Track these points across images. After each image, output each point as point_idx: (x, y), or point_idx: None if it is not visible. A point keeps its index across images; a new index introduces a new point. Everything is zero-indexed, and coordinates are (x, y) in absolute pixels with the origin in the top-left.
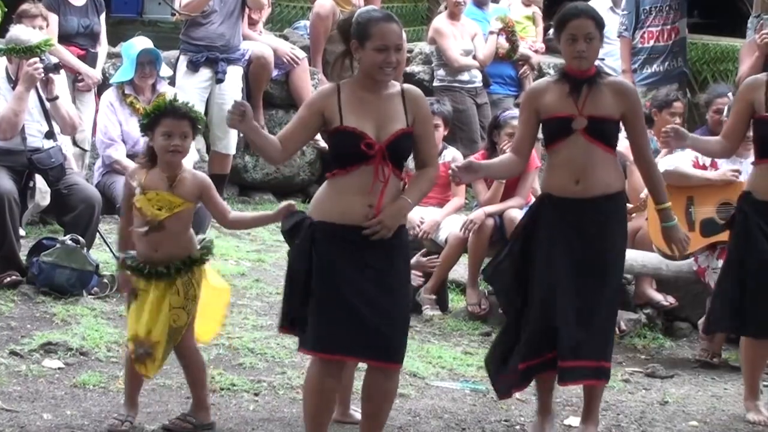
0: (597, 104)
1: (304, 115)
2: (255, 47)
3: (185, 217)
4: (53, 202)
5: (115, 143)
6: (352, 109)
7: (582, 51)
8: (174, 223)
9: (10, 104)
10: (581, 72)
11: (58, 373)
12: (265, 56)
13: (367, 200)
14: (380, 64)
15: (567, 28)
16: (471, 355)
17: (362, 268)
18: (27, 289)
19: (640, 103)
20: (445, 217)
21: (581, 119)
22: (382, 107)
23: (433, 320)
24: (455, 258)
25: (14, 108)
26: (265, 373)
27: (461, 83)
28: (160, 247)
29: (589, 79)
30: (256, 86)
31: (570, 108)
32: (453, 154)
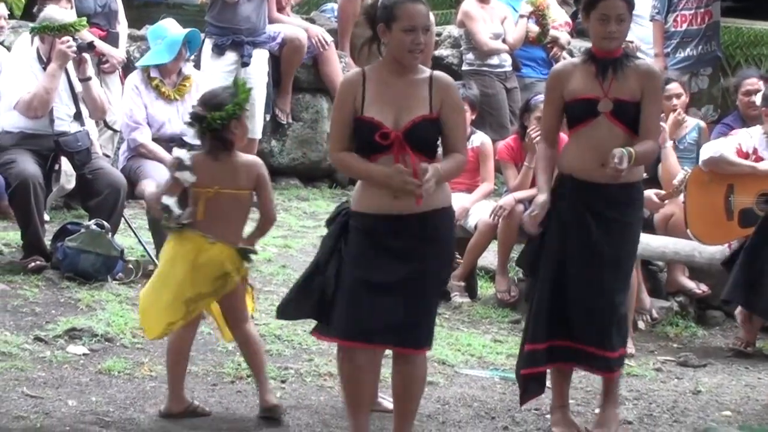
0: (622, 87)
1: (338, 116)
2: (288, 30)
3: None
4: (78, 187)
5: (141, 126)
6: (375, 96)
7: (612, 32)
8: None
9: (42, 82)
10: (608, 53)
11: (82, 359)
12: (300, 38)
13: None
14: (408, 46)
15: (598, 7)
16: (500, 343)
17: (392, 257)
18: (51, 275)
19: (660, 88)
20: (474, 203)
21: (607, 101)
22: (406, 92)
23: (462, 307)
24: (484, 244)
25: (46, 86)
26: (292, 360)
27: (490, 67)
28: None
29: (615, 60)
30: (287, 69)
31: (596, 90)
32: (481, 139)
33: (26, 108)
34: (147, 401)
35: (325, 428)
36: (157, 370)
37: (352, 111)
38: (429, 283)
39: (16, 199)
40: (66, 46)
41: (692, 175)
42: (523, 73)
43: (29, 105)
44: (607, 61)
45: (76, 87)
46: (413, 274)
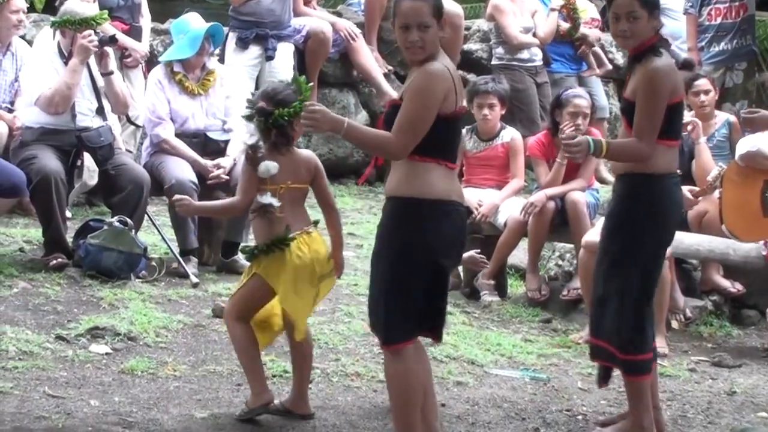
0: (630, 85)
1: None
2: (313, 23)
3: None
4: (101, 183)
5: (164, 122)
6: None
7: (624, 30)
8: None
9: (64, 77)
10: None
11: (105, 358)
12: (324, 32)
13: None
14: (403, 43)
15: (612, 6)
16: (531, 343)
17: None
18: (73, 272)
19: (647, 84)
20: (504, 199)
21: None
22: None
23: (492, 306)
24: (514, 242)
25: (67, 81)
26: (319, 359)
27: (521, 62)
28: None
29: (634, 58)
30: (312, 63)
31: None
32: (512, 134)
33: (47, 104)
34: (170, 401)
35: (352, 429)
36: (181, 370)
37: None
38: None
39: (38, 195)
40: (87, 40)
41: (728, 170)
42: (552, 68)
43: (50, 101)
44: (630, 59)
45: (98, 81)
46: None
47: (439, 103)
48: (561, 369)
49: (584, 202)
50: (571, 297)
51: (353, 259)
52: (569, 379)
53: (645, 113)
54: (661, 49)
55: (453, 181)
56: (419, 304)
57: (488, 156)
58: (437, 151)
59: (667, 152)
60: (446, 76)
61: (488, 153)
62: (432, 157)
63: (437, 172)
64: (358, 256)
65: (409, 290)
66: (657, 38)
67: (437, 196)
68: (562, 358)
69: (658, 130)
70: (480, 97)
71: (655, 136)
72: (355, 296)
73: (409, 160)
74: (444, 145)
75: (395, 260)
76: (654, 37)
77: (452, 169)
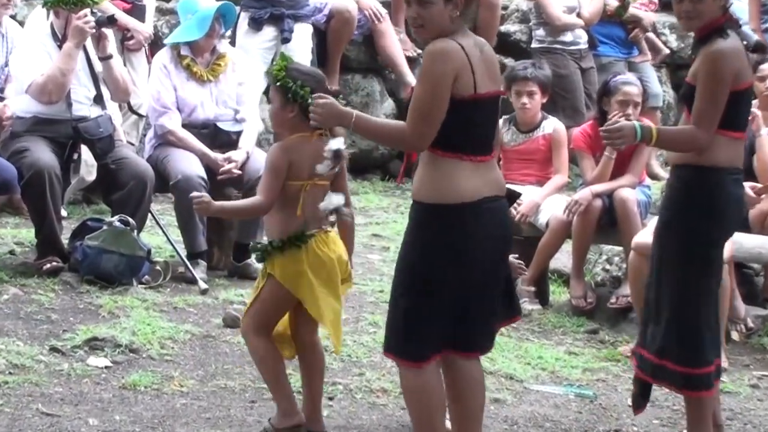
0: (693, 68)
1: None
2: (336, 1)
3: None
4: (100, 179)
5: (169, 111)
6: None
7: (688, 11)
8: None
9: (57, 63)
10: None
11: (104, 372)
12: (350, 10)
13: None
14: (407, 19)
15: None
16: (576, 356)
17: None
18: (69, 277)
19: (708, 66)
20: (546, 197)
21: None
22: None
23: (532, 315)
24: (557, 244)
25: (62, 67)
26: (341, 374)
27: (563, 45)
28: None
29: (699, 40)
30: (335, 46)
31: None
32: (554, 125)
33: (40, 92)
34: (177, 420)
35: None
36: (189, 385)
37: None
38: (396, 274)
39: (30, 191)
40: (83, 21)
41: None
42: (599, 51)
43: (43, 89)
44: (695, 42)
45: (96, 66)
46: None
47: (448, 84)
48: (609, 385)
49: (634, 200)
50: (620, 305)
51: (379, 263)
52: (618, 396)
53: (704, 98)
54: (729, 31)
55: (483, 175)
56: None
57: (528, 149)
58: (458, 143)
59: (730, 144)
60: (454, 54)
61: (528, 146)
62: (453, 152)
63: (461, 170)
64: (384, 259)
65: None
66: (724, 18)
67: (462, 198)
68: (611, 373)
69: (718, 118)
70: (518, 83)
71: (715, 124)
72: (381, 304)
73: (432, 153)
74: (465, 135)
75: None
76: (721, 18)
77: (482, 161)
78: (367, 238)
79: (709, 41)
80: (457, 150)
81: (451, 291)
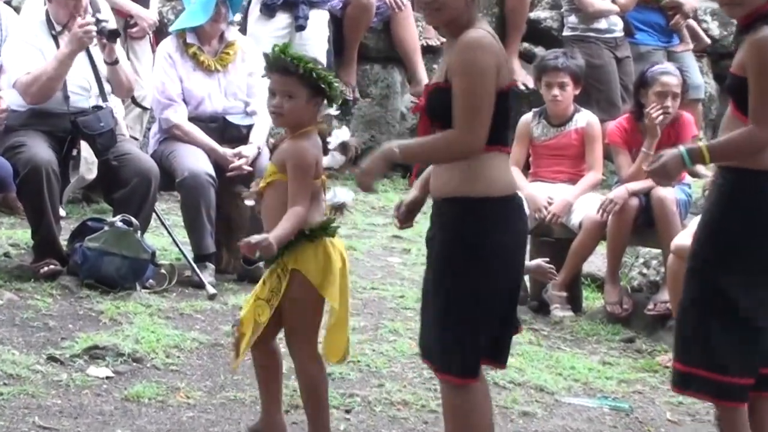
0: (737, 58)
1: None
2: None
3: (281, 191)
4: (101, 176)
5: (175, 103)
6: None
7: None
8: (269, 195)
9: (49, 67)
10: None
11: (106, 383)
12: None
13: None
14: (418, 2)
15: None
16: (610, 366)
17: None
18: (68, 281)
19: (755, 57)
20: (579, 196)
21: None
22: (445, 59)
23: (564, 323)
24: (591, 246)
25: (51, 74)
26: (359, 385)
27: (597, 32)
28: (266, 221)
29: (744, 28)
30: (352, 34)
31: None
32: (587, 119)
33: (23, 92)
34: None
35: None
36: (196, 397)
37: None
38: (435, 282)
39: (26, 189)
40: (83, 30)
41: None
42: (636, 39)
43: (26, 89)
44: (738, 30)
45: (95, 56)
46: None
47: (494, 75)
48: (646, 397)
49: (673, 199)
50: (658, 312)
51: (399, 266)
52: (656, 409)
53: (756, 92)
54: None
55: (510, 170)
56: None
57: (559, 144)
58: (498, 136)
59: None
60: (493, 44)
61: (559, 141)
62: (493, 144)
63: (500, 161)
64: (405, 263)
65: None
66: None
67: (505, 191)
68: (648, 385)
69: None
70: (549, 74)
71: None
72: (401, 310)
73: None
74: (504, 127)
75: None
76: (766, 4)
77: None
78: (387, 239)
79: (754, 29)
80: (497, 143)
81: (501, 293)
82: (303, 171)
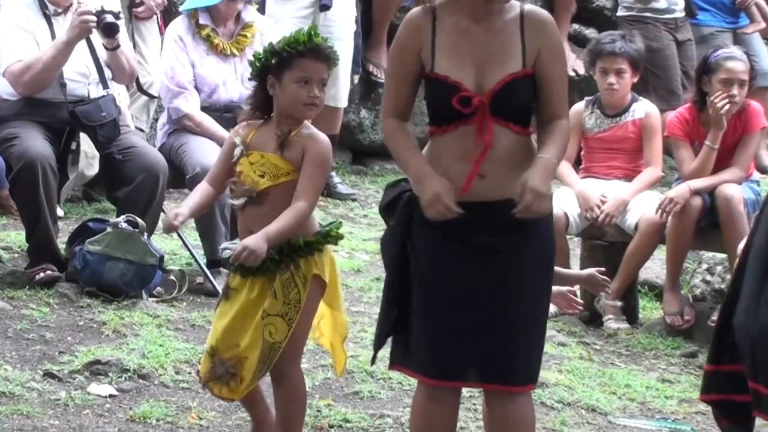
0: None
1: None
2: None
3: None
4: (103, 171)
5: (186, 91)
6: (449, 45)
7: None
8: (278, 196)
9: (45, 55)
10: None
11: (108, 402)
12: None
13: (467, 170)
14: None
15: None
16: (670, 384)
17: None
18: (67, 289)
19: None
20: (636, 194)
21: None
22: (491, 42)
23: (618, 335)
24: (648, 250)
25: (47, 62)
26: (390, 405)
27: (656, 13)
28: (256, 229)
29: None
30: (382, 13)
31: None
32: (646, 109)
33: (13, 81)
34: None
35: None
36: (209, 418)
37: (417, 64)
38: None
39: (20, 187)
40: (81, 20)
41: None
42: (699, 20)
43: (17, 78)
44: None
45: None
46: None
47: None
48: (710, 419)
49: (740, 198)
50: None
51: None
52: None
53: None
54: None
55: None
56: None
57: (615, 137)
58: None
59: None
60: None
61: (614, 133)
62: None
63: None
64: None
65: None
66: None
67: None
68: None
69: None
70: (605, 59)
71: None
72: None
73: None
74: None
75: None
76: None
77: None
78: None
79: None
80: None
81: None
82: (325, 169)
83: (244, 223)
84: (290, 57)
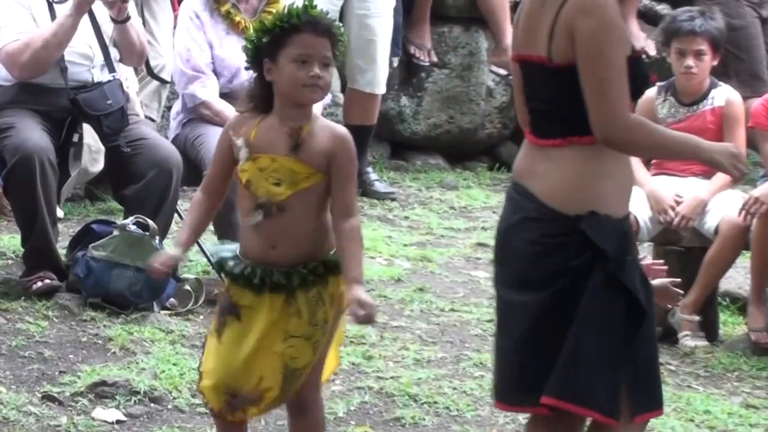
0: None
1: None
2: None
3: (313, 199)
4: (109, 167)
5: (203, 76)
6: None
7: None
8: (300, 204)
9: (48, 33)
10: None
11: (116, 429)
12: None
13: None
14: None
15: None
16: (756, 410)
17: None
18: (68, 300)
19: None
20: (715, 193)
21: None
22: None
23: (696, 354)
24: (730, 258)
25: (48, 39)
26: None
27: None
28: (279, 243)
29: None
30: None
31: None
32: (727, 95)
33: (10, 63)
34: None
35: None
36: None
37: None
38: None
39: (15, 184)
40: None
41: None
42: None
43: (14, 60)
44: None
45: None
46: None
47: None
48: None
49: None
50: None
51: (485, 282)
52: None
53: None
54: None
55: None
56: None
57: (691, 128)
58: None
59: None
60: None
61: (691, 123)
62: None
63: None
64: None
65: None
66: None
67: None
68: None
69: None
70: (682, 39)
71: None
72: (490, 338)
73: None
74: None
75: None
76: None
77: None
78: (471, 248)
79: None
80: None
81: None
82: (355, 167)
83: (263, 238)
84: (284, 33)
